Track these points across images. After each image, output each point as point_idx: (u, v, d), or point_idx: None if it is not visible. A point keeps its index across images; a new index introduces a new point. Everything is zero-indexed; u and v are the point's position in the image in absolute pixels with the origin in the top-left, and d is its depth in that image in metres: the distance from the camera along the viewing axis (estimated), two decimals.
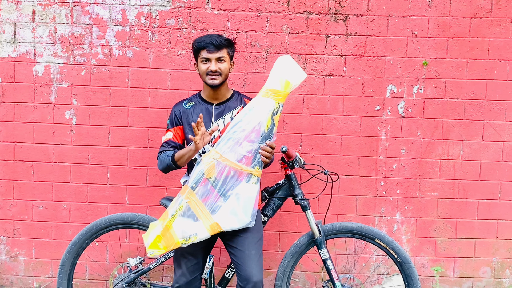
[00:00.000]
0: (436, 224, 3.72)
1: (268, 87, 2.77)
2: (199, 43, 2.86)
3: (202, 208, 2.66)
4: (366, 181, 3.70)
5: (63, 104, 3.67)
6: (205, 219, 2.66)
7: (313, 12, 3.61)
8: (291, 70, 2.79)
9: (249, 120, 2.70)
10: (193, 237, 2.66)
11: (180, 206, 2.68)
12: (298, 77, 2.79)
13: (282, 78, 2.75)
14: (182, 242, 2.66)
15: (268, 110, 2.71)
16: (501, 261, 3.75)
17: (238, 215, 2.67)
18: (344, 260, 3.74)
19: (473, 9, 3.59)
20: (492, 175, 3.68)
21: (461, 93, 3.63)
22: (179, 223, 2.67)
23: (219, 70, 2.85)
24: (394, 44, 3.62)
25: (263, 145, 2.69)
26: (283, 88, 2.74)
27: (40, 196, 3.73)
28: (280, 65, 2.80)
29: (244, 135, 2.67)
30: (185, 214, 2.67)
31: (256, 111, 2.71)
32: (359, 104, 3.66)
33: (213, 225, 2.66)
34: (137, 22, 3.63)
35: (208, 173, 2.65)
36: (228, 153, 2.66)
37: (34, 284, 3.80)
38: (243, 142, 2.67)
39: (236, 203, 2.66)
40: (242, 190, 2.67)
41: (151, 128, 3.67)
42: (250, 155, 2.68)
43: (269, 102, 2.73)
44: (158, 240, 2.68)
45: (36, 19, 3.64)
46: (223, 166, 2.66)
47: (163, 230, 2.68)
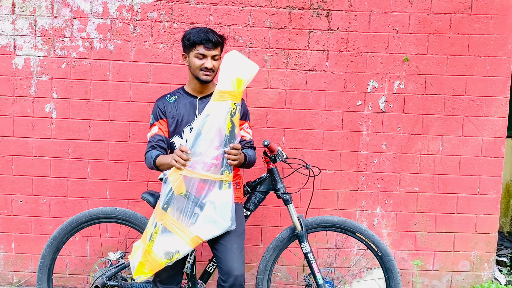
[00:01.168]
0: (416, 218, 3.76)
1: (220, 89, 2.64)
2: (196, 37, 2.80)
3: (178, 226, 2.63)
4: (348, 175, 3.72)
5: (43, 98, 3.63)
6: (184, 235, 2.62)
7: (295, 7, 3.61)
8: (241, 66, 2.66)
9: (208, 128, 2.60)
10: (176, 255, 2.64)
11: (156, 229, 2.66)
12: (250, 71, 2.67)
13: (233, 76, 2.62)
14: (167, 262, 2.65)
15: (225, 113, 2.61)
16: (479, 254, 3.80)
17: (217, 222, 2.64)
18: (326, 253, 3.77)
19: (453, 6, 3.63)
20: (471, 170, 3.73)
21: (441, 88, 3.67)
22: (158, 244, 2.65)
23: (213, 68, 2.83)
24: (376, 40, 3.64)
25: (227, 149, 2.64)
26: (236, 88, 2.62)
27: (19, 190, 3.69)
28: (228, 63, 2.66)
29: (207, 143, 2.59)
30: (163, 235, 2.65)
31: (213, 117, 2.61)
32: (341, 99, 3.68)
33: (194, 239, 2.63)
34: (119, 15, 3.60)
35: (178, 190, 2.61)
36: (193, 165, 2.60)
37: (13, 279, 3.76)
38: (206, 151, 2.60)
39: (213, 211, 2.62)
40: (216, 198, 2.62)
41: (133, 122, 3.64)
42: (217, 161, 2.62)
43: (224, 105, 2.62)
44: (141, 266, 2.68)
45: (16, 11, 3.59)
46: (191, 179, 2.61)
47: (143, 256, 2.68)
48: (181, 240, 2.63)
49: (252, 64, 2.71)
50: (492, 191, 3.74)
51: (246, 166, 2.91)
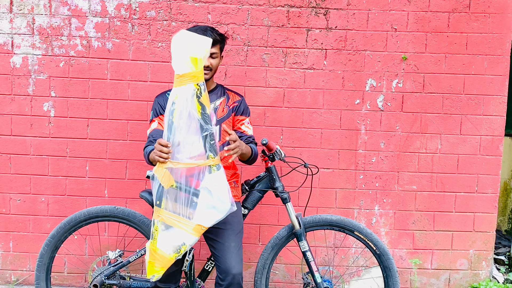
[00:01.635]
0: (414, 216, 3.76)
1: (178, 73, 2.53)
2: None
3: (176, 218, 2.60)
4: (346, 174, 3.73)
5: (41, 96, 3.63)
6: (185, 226, 2.59)
7: (294, 5, 3.61)
8: (192, 44, 2.55)
9: (178, 115, 2.53)
10: (182, 247, 2.61)
11: (156, 227, 2.64)
12: (203, 47, 2.55)
13: (187, 57, 2.51)
14: (175, 256, 2.63)
15: (191, 96, 2.52)
16: (477, 253, 3.81)
17: (216, 207, 2.60)
18: (324, 252, 3.77)
19: (452, 4, 3.63)
20: (470, 168, 3.73)
21: (440, 87, 3.68)
22: (162, 241, 2.62)
23: (210, 66, 2.83)
24: (374, 39, 3.64)
25: (213, 130, 2.57)
26: (193, 67, 2.51)
27: (17, 189, 3.69)
28: (179, 45, 2.55)
29: (183, 131, 2.54)
30: (165, 231, 2.63)
31: (180, 104, 2.53)
32: (339, 98, 3.68)
33: (196, 228, 2.60)
34: (117, 13, 3.59)
35: (167, 183, 2.57)
36: (176, 155, 2.56)
37: (11, 278, 3.76)
38: (185, 139, 2.54)
39: (209, 196, 2.58)
40: (209, 183, 2.58)
41: (131, 120, 3.64)
42: (199, 147, 2.56)
43: (187, 88, 2.52)
44: (151, 265, 2.66)
45: (13, 10, 3.58)
46: (177, 170, 2.57)
47: (151, 255, 2.66)
48: (183, 232, 2.60)
49: (203, 38, 2.58)
50: (490, 189, 3.74)
51: (252, 161, 2.91)
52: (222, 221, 2.83)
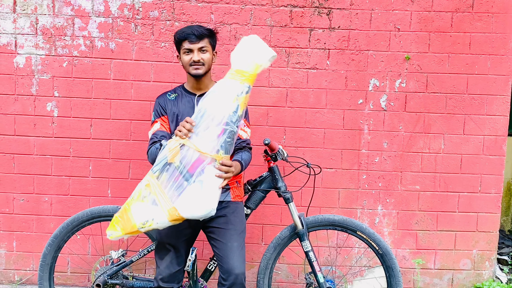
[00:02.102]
0: (417, 216, 3.76)
1: (233, 68, 2.64)
2: (180, 34, 2.85)
3: (161, 192, 2.57)
4: (349, 174, 3.72)
5: (45, 96, 3.64)
6: (164, 203, 2.56)
7: (297, 5, 3.61)
8: (260, 50, 2.66)
9: (213, 103, 2.59)
10: (150, 221, 2.56)
11: (140, 190, 2.61)
12: (266, 56, 2.66)
13: (250, 58, 2.63)
14: (140, 226, 2.57)
15: (233, 92, 2.59)
16: (481, 253, 3.80)
17: (200, 202, 2.56)
18: (327, 252, 3.77)
19: (455, 4, 3.62)
20: (473, 168, 3.72)
21: (443, 87, 3.67)
22: (137, 206, 2.59)
23: (202, 60, 2.84)
24: (377, 38, 3.64)
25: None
26: (251, 69, 2.62)
27: (21, 188, 3.70)
28: (247, 45, 2.67)
29: (210, 118, 2.57)
30: (145, 198, 2.59)
31: (220, 93, 2.60)
32: (342, 98, 3.67)
33: (171, 210, 2.55)
34: (120, 13, 3.60)
35: (172, 158, 2.57)
36: (194, 137, 2.58)
37: (15, 277, 3.77)
38: (209, 127, 2.57)
39: (200, 190, 2.56)
40: (207, 176, 2.57)
41: (134, 120, 3.65)
42: (218, 139, 2.57)
43: (234, 83, 2.60)
44: (116, 221, 2.61)
45: (17, 10, 3.59)
46: (187, 150, 2.57)
47: (121, 212, 2.62)
48: (158, 208, 2.56)
49: (270, 50, 2.69)
50: (494, 189, 3.73)
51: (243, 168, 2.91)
52: (224, 221, 2.85)
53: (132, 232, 2.61)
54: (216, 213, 2.87)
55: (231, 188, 2.94)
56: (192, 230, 2.91)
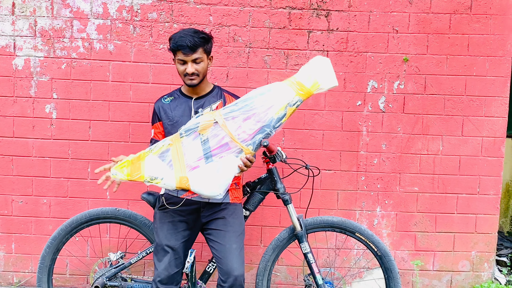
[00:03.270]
0: (416, 218, 3.76)
1: (296, 78, 2.73)
2: (173, 44, 2.79)
3: (180, 157, 2.60)
4: (347, 175, 3.73)
5: (43, 98, 3.64)
6: (178, 169, 2.59)
7: (295, 7, 3.62)
8: (324, 73, 2.73)
9: (263, 99, 2.65)
10: (159, 179, 2.59)
11: (162, 146, 2.63)
12: (329, 82, 2.73)
13: (312, 76, 2.71)
14: (146, 179, 2.59)
15: (286, 99, 2.66)
16: (479, 254, 3.80)
17: (211, 183, 2.59)
18: (325, 254, 3.77)
19: (453, 6, 3.63)
20: (471, 170, 3.73)
21: (441, 88, 3.67)
22: (153, 160, 2.61)
23: (196, 72, 2.81)
24: (375, 40, 3.64)
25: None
26: (310, 86, 2.70)
27: (20, 190, 3.70)
28: (315, 64, 2.76)
29: (253, 112, 2.62)
30: (162, 156, 2.62)
31: (273, 94, 2.67)
32: (341, 100, 3.68)
33: (183, 178, 2.58)
34: (119, 15, 3.60)
35: (202, 129, 2.61)
36: (230, 120, 2.62)
37: (14, 280, 3.76)
38: (249, 118, 2.62)
39: (215, 171, 2.59)
40: (226, 162, 2.60)
41: (133, 122, 3.65)
42: (250, 132, 2.62)
43: (290, 92, 2.68)
44: (126, 165, 2.62)
45: (16, 12, 3.59)
46: (219, 131, 2.61)
47: (135, 158, 2.63)
48: (171, 171, 2.59)
49: (334, 78, 2.75)
50: (492, 191, 3.74)
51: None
52: (223, 223, 2.85)
53: (136, 180, 2.62)
54: (215, 215, 2.89)
55: (230, 190, 2.94)
56: (191, 232, 2.91)
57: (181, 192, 2.89)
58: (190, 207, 2.88)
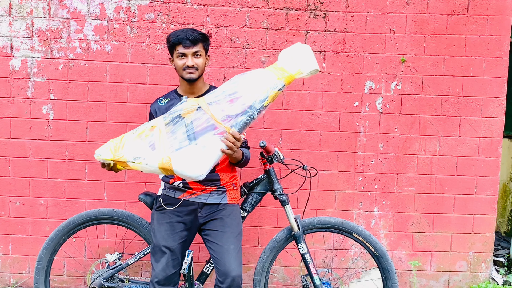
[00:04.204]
0: (413, 218, 3.76)
1: (278, 64, 2.74)
2: (174, 38, 2.83)
3: (163, 139, 2.59)
4: (345, 176, 3.73)
5: (40, 99, 3.63)
6: (161, 150, 2.57)
7: (292, 8, 3.62)
8: (306, 59, 2.75)
9: (246, 83, 2.65)
10: (141, 159, 2.56)
11: (145, 129, 2.63)
12: (310, 67, 2.74)
13: (294, 61, 2.73)
14: (129, 159, 2.57)
15: (268, 83, 2.66)
16: (477, 255, 3.80)
17: (194, 163, 2.56)
18: (323, 254, 3.77)
19: (450, 7, 3.63)
20: (468, 170, 3.73)
21: (438, 89, 3.68)
22: (135, 141, 2.61)
23: (195, 65, 2.83)
24: (373, 41, 3.65)
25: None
26: (293, 72, 2.70)
27: (17, 192, 3.69)
28: (297, 50, 2.78)
29: (236, 96, 2.62)
30: (146, 138, 2.61)
31: (257, 79, 2.67)
32: (338, 100, 3.68)
33: (165, 158, 2.55)
34: (116, 16, 3.60)
35: (185, 113, 2.61)
36: (214, 105, 2.62)
37: (11, 281, 3.76)
38: (232, 102, 2.62)
39: (198, 152, 2.57)
40: (210, 144, 2.58)
41: (130, 123, 3.64)
42: (233, 114, 2.61)
43: (273, 76, 2.69)
44: (109, 145, 2.63)
45: (12, 13, 3.59)
46: (202, 114, 2.60)
47: (118, 139, 2.64)
48: (154, 153, 2.57)
49: (315, 64, 2.75)
50: (489, 191, 3.74)
51: (242, 164, 2.91)
52: (220, 224, 2.85)
53: (120, 161, 2.60)
54: (213, 216, 2.89)
55: (227, 191, 2.94)
56: (188, 233, 2.91)
57: (179, 192, 2.89)
58: (187, 207, 2.88)
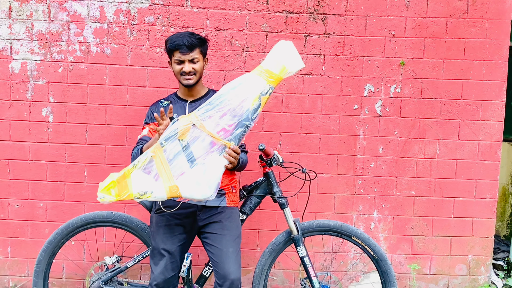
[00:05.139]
0: (412, 222, 3.76)
1: (264, 67, 2.70)
2: (171, 44, 2.83)
3: (166, 167, 2.55)
4: (344, 179, 3.73)
5: (40, 102, 3.63)
6: (165, 179, 2.54)
7: (292, 11, 3.62)
8: (290, 56, 2.73)
9: (236, 93, 2.62)
10: (148, 194, 2.53)
11: (145, 160, 2.57)
12: (296, 65, 2.73)
13: (280, 61, 2.70)
14: (136, 196, 2.53)
15: (258, 89, 2.64)
16: (476, 258, 3.80)
17: (201, 186, 2.55)
18: (322, 257, 3.76)
19: (449, 10, 3.64)
20: (468, 173, 3.73)
21: (438, 92, 3.68)
22: (138, 175, 2.55)
23: (193, 70, 2.84)
24: (372, 44, 3.65)
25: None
26: (278, 72, 2.68)
27: (16, 194, 3.69)
28: (280, 49, 2.75)
29: (228, 107, 2.59)
30: (147, 169, 2.55)
31: (245, 87, 2.64)
32: (338, 103, 3.68)
33: (172, 187, 2.53)
34: (116, 19, 3.60)
35: (181, 135, 2.56)
36: (207, 120, 2.57)
37: (10, 284, 3.75)
38: (225, 114, 2.58)
39: (202, 174, 2.55)
40: (211, 162, 2.57)
41: (129, 126, 3.64)
42: (229, 128, 2.59)
43: (261, 81, 2.66)
44: (112, 185, 2.55)
45: (12, 16, 3.59)
46: (198, 132, 2.56)
47: (120, 177, 2.56)
48: (160, 182, 2.54)
49: (300, 60, 2.75)
50: (489, 194, 3.74)
51: (238, 169, 2.91)
52: (219, 227, 2.85)
53: (125, 199, 2.55)
54: (212, 219, 2.88)
55: (227, 194, 2.94)
56: (187, 236, 2.90)
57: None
58: (186, 210, 2.88)
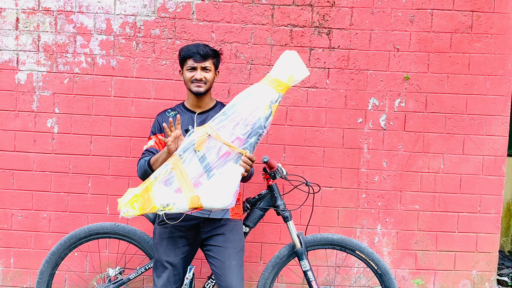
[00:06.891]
0: (416, 236, 3.74)
1: (272, 76, 2.77)
2: (185, 52, 2.88)
3: (186, 178, 2.59)
4: (348, 193, 3.72)
5: (45, 113, 3.65)
6: (187, 190, 2.57)
7: (297, 25, 3.64)
8: (296, 65, 2.80)
9: (248, 103, 2.67)
10: (171, 205, 2.54)
11: (165, 172, 2.59)
12: (302, 73, 2.81)
13: (287, 70, 2.77)
14: (159, 208, 2.54)
15: (268, 97, 2.71)
16: (480, 274, 3.77)
17: (219, 195, 2.58)
18: (325, 272, 3.75)
19: (454, 25, 3.65)
20: (472, 188, 3.72)
21: (442, 107, 3.68)
22: (160, 188, 2.58)
23: (204, 79, 2.87)
24: (376, 58, 3.66)
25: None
26: (286, 80, 2.75)
27: (20, 204, 3.69)
28: (286, 59, 2.82)
29: (241, 117, 2.63)
30: (168, 181, 2.58)
31: (256, 96, 2.70)
32: (342, 117, 3.69)
33: (194, 198, 2.56)
34: (122, 31, 3.63)
35: (198, 146, 2.60)
36: (222, 130, 2.62)
37: None
38: (238, 124, 2.63)
39: (219, 183, 2.58)
40: (228, 171, 2.60)
41: (134, 137, 3.65)
42: (243, 137, 2.63)
43: (270, 90, 2.73)
44: (135, 199, 2.56)
45: (19, 27, 3.62)
46: (214, 143, 2.60)
47: (142, 191, 2.57)
48: (182, 194, 2.57)
49: (305, 68, 2.82)
50: (493, 210, 3.72)
51: (246, 180, 2.91)
52: (223, 239, 2.84)
53: (149, 212, 2.57)
54: (215, 231, 2.88)
55: None
56: (190, 248, 2.90)
57: None
58: (189, 222, 2.87)
